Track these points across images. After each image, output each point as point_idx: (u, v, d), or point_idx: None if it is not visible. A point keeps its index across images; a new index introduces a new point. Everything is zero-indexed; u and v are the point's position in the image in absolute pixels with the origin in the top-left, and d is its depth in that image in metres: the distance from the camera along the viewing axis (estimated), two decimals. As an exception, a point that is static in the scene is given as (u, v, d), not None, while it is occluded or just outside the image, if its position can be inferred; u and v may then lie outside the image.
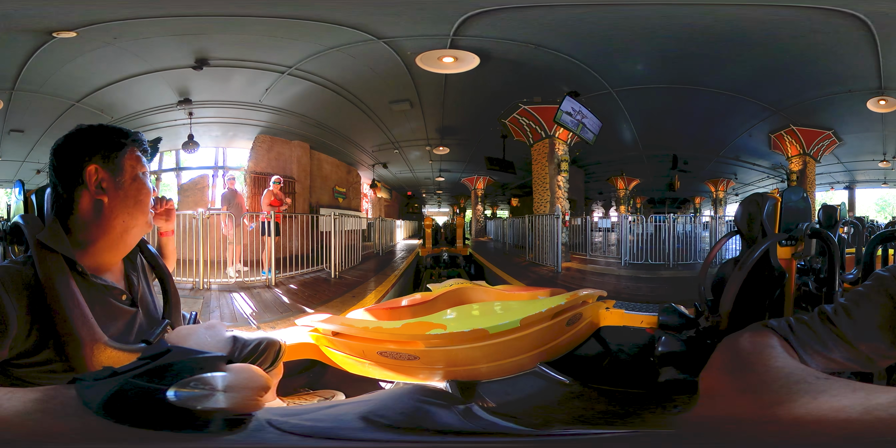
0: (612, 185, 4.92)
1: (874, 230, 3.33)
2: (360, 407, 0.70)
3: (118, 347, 0.88)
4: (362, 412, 0.66)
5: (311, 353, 2.04)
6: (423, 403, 0.76)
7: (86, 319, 0.86)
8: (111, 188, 0.97)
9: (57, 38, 2.91)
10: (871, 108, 3.69)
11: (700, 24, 3.00)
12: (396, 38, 3.12)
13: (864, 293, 0.75)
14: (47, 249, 0.88)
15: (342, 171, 4.75)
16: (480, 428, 0.68)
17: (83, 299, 0.87)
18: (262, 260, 3.75)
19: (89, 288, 0.93)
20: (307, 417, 0.67)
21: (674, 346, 1.77)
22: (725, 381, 0.66)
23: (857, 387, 0.49)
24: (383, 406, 0.73)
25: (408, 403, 0.75)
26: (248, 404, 0.61)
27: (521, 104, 3.96)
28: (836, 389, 0.49)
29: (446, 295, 2.56)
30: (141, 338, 0.99)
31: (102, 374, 0.54)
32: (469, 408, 0.74)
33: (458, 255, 4.82)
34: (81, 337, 0.84)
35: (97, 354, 0.85)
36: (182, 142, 3.88)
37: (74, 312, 0.85)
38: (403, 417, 0.68)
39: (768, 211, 1.59)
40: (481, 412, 0.72)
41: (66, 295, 0.85)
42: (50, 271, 0.86)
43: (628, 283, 3.85)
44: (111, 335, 0.91)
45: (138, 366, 0.57)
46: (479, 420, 0.70)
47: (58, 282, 0.85)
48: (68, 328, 0.84)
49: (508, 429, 0.68)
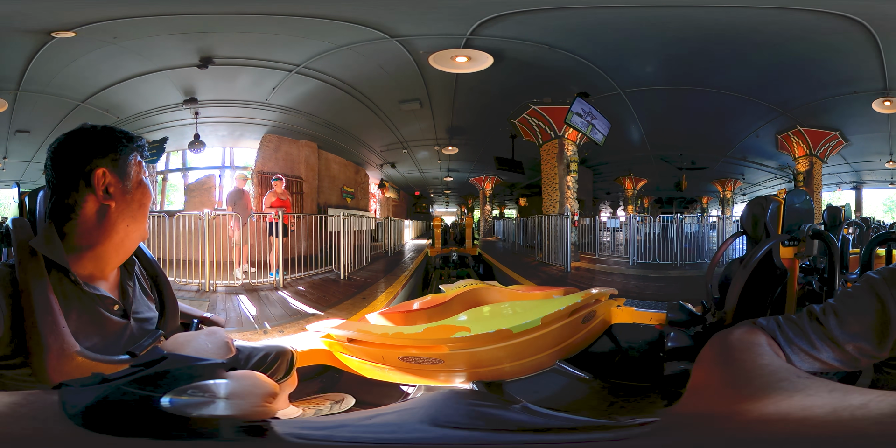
0: (620, 185, 4.93)
1: (879, 230, 3.35)
2: (414, 413, 0.68)
3: (92, 357, 0.84)
4: (424, 418, 0.64)
5: (323, 359, 2.03)
6: (478, 406, 0.74)
7: (56, 328, 0.82)
8: (118, 193, 0.94)
9: (56, 38, 2.87)
10: (876, 109, 3.73)
11: (708, 27, 3.02)
12: (411, 36, 3.11)
13: (852, 294, 0.76)
14: (30, 254, 0.85)
15: (350, 170, 4.72)
16: (552, 423, 0.67)
17: (58, 307, 0.84)
18: (270, 261, 3.72)
19: (80, 297, 0.89)
20: (365, 429, 0.65)
21: (682, 341, 1.80)
22: (712, 374, 0.67)
23: (834, 387, 0.49)
24: (441, 411, 0.70)
25: (463, 407, 0.73)
26: (256, 412, 0.60)
27: (530, 104, 3.96)
28: (813, 389, 0.49)
29: (461, 296, 2.56)
30: (128, 351, 0.94)
31: (91, 381, 0.53)
32: (525, 406, 0.73)
33: (468, 256, 4.81)
34: (48, 345, 0.80)
35: (64, 364, 0.81)
36: (188, 141, 3.85)
37: (45, 320, 0.81)
38: (471, 420, 0.66)
39: (772, 213, 1.63)
40: (539, 409, 0.70)
41: (39, 301, 0.81)
42: (27, 276, 0.83)
43: (637, 282, 3.86)
44: (97, 346, 0.88)
45: (130, 373, 0.55)
46: (544, 416, 0.68)
47: (34, 287, 0.82)
48: (36, 335, 0.80)
49: (576, 421, 0.67)
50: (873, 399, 0.44)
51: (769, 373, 0.57)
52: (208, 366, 0.63)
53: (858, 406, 0.43)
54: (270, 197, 3.87)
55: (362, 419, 0.67)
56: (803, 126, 4.09)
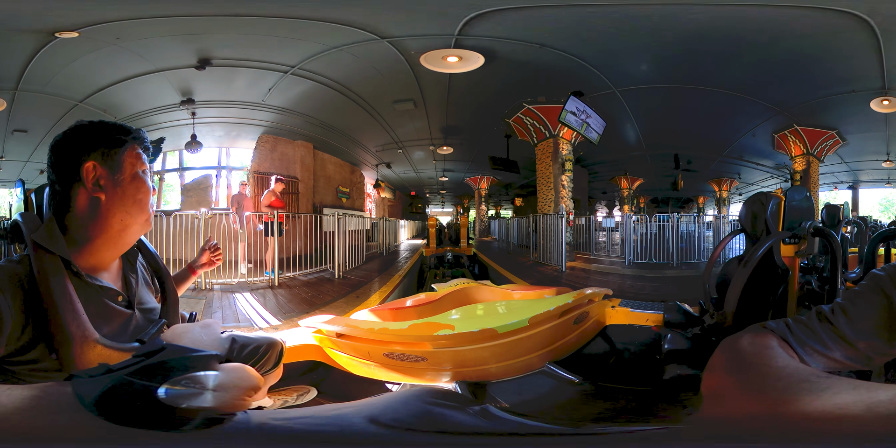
0: (615, 185, 4.92)
1: (877, 230, 3.33)
2: (366, 409, 0.69)
3: (110, 345, 0.87)
4: (369, 414, 0.65)
5: (314, 355, 2.03)
6: (435, 405, 0.74)
7: (77, 317, 0.85)
8: (109, 186, 0.96)
9: (59, 38, 2.90)
10: (874, 109, 3.70)
11: (704, 24, 3.01)
12: (400, 37, 3.11)
13: (860, 292, 0.76)
14: (43, 249, 0.87)
15: (346, 170, 4.73)
16: (503, 428, 0.67)
17: (77, 298, 0.87)
18: (266, 260, 3.74)
19: (84, 288, 0.92)
20: (309, 421, 0.66)
21: (680, 343, 1.78)
22: (728, 381, 0.67)
23: (857, 385, 0.50)
24: (391, 409, 0.71)
25: (417, 405, 0.73)
26: (235, 404, 0.62)
27: (525, 104, 3.96)
28: (837, 387, 0.50)
29: (452, 295, 2.56)
30: (136, 339, 0.97)
31: (98, 371, 0.55)
32: (485, 408, 0.73)
33: (463, 255, 4.82)
34: (72, 335, 0.83)
35: (87, 352, 0.84)
36: (185, 142, 3.87)
37: (66, 309, 0.84)
38: (415, 419, 0.66)
39: (772, 209, 1.60)
40: (499, 412, 0.70)
41: (59, 293, 0.84)
42: (46, 270, 0.85)
43: (632, 283, 3.84)
44: (107, 336, 0.90)
45: (133, 363, 0.57)
46: (500, 420, 0.68)
47: (53, 280, 0.85)
48: (60, 326, 0.83)
49: (533, 427, 0.67)
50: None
51: (789, 374, 0.58)
52: (203, 357, 0.65)
53: (889, 401, 0.44)
54: (269, 196, 3.90)
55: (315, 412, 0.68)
56: (800, 125, 4.06)
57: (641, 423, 1.23)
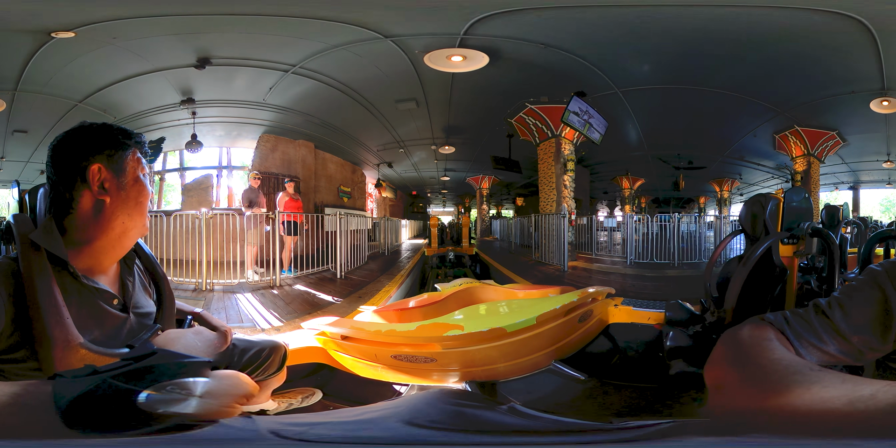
0: (617, 185, 4.93)
1: (877, 230, 3.35)
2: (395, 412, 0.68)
3: (95, 350, 0.86)
4: (404, 417, 0.64)
5: (318, 357, 2.02)
6: (462, 406, 0.73)
7: (61, 320, 0.84)
8: (113, 188, 0.95)
9: (56, 38, 2.88)
10: (874, 109, 3.72)
11: (705, 26, 3.02)
12: (405, 36, 3.10)
13: (856, 287, 0.77)
14: (33, 248, 0.87)
15: (347, 170, 4.72)
16: (539, 425, 0.66)
17: (62, 300, 0.86)
18: (282, 259, 3.72)
19: (80, 290, 0.91)
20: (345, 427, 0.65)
21: (682, 340, 1.79)
22: (728, 372, 0.68)
23: (845, 379, 0.50)
24: (420, 411, 0.70)
25: (445, 406, 0.72)
26: (222, 412, 0.60)
27: (527, 104, 3.96)
28: (826, 380, 0.51)
29: (457, 295, 2.55)
30: (127, 344, 0.96)
31: (82, 373, 0.54)
32: (513, 407, 0.72)
33: (464, 255, 4.82)
34: (54, 337, 0.82)
35: (69, 356, 0.83)
36: (185, 141, 3.85)
37: (50, 312, 0.83)
38: (451, 420, 0.66)
39: (771, 210, 1.63)
40: (528, 410, 0.70)
41: (44, 294, 0.84)
42: (32, 269, 0.85)
43: (634, 282, 3.85)
44: (97, 339, 0.89)
45: (119, 366, 0.56)
46: (533, 417, 0.68)
47: (38, 281, 0.84)
48: (41, 327, 0.82)
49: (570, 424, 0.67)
50: (880, 389, 0.45)
51: (783, 367, 0.58)
52: (194, 363, 0.64)
53: (869, 396, 0.45)
54: (284, 197, 3.91)
55: (339, 417, 0.67)
56: (801, 126, 4.08)
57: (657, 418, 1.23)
